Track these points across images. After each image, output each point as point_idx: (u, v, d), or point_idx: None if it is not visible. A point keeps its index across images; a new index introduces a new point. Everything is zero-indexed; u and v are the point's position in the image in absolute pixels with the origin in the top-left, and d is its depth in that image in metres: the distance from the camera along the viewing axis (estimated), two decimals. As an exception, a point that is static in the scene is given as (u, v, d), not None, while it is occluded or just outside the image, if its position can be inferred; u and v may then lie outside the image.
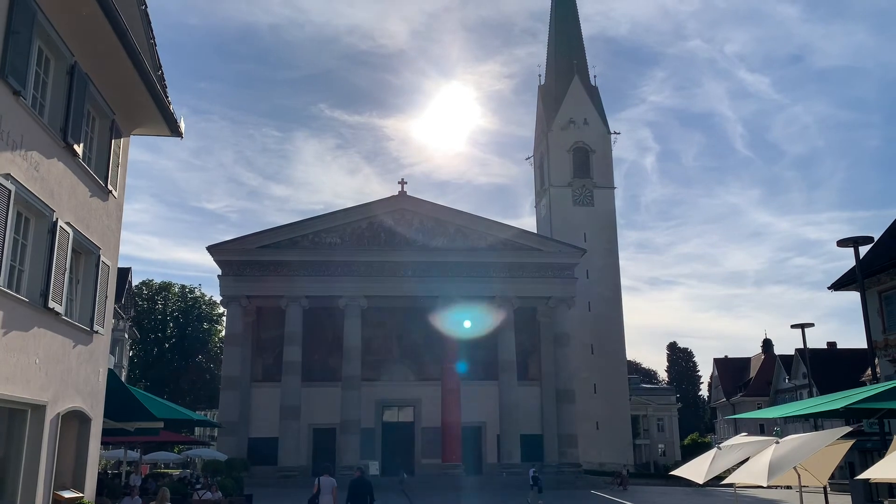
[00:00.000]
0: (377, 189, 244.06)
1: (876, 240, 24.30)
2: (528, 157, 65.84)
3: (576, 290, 45.48)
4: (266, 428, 42.41)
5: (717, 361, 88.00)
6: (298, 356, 42.23)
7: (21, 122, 9.71)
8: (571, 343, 45.70)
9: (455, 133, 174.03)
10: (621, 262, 57.75)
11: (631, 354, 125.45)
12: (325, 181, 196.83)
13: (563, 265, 45.30)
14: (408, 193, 45.43)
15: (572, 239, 50.87)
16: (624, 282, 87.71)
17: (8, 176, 9.24)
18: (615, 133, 60.16)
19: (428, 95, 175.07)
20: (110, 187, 13.28)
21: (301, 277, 42.79)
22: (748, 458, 11.12)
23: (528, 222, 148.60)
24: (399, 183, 45.51)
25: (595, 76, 62.83)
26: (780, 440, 10.53)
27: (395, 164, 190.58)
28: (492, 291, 43.87)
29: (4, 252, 9.16)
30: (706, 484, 12.01)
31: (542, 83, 63.59)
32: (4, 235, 9.13)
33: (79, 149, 11.61)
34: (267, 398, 42.91)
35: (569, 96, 59.66)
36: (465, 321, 42.36)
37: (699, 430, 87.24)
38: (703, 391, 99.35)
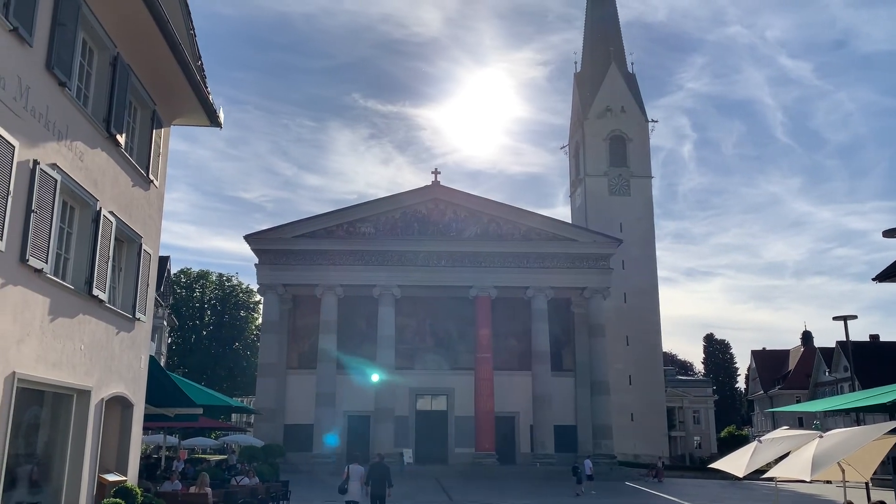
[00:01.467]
0: (409, 179, 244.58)
1: (924, 230, 23.59)
2: (563, 146, 65.27)
3: (611, 280, 45.09)
4: (302, 415, 42.94)
5: (754, 353, 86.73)
6: (333, 344, 42.65)
7: (66, 112, 9.88)
8: (606, 334, 45.34)
9: (488, 122, 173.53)
10: (658, 253, 57.02)
11: (667, 346, 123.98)
12: (358, 171, 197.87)
13: (599, 255, 44.93)
14: (441, 183, 45.50)
15: (608, 229, 50.39)
16: (660, 272, 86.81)
17: (54, 166, 9.42)
18: (653, 121, 59.32)
19: (461, 84, 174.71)
20: (151, 177, 13.45)
21: (336, 266, 43.14)
22: (789, 452, 10.91)
23: (563, 212, 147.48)
24: (432, 173, 45.68)
25: (632, 63, 62.03)
26: (823, 434, 10.31)
27: (427, 154, 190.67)
28: (525, 282, 43.75)
29: (51, 240, 9.35)
30: (745, 477, 11.79)
31: (578, 70, 62.89)
32: (51, 224, 9.32)
33: (121, 139, 11.78)
34: (302, 385, 43.44)
35: (605, 84, 58.85)
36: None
37: (736, 422, 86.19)
38: (741, 383, 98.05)
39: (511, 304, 44.84)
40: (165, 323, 54.82)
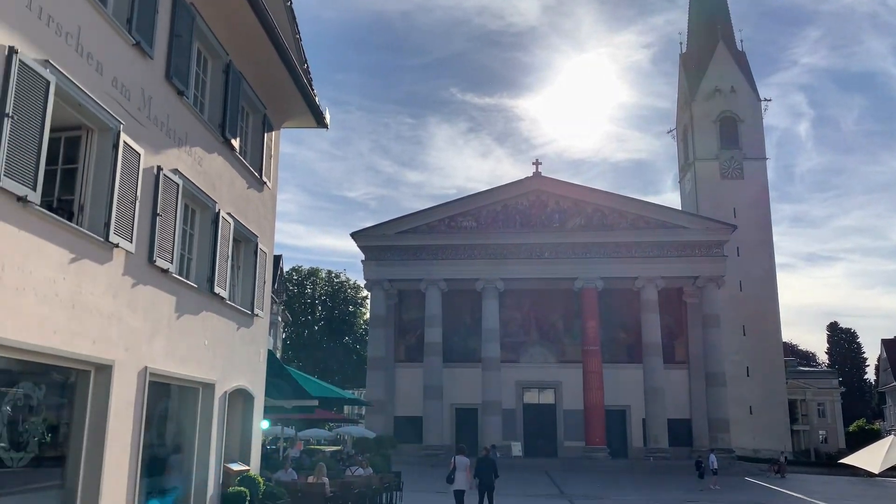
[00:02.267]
0: (509, 171, 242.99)
1: None
2: (670, 130, 63.15)
3: (725, 268, 43.24)
4: (410, 407, 43.66)
5: (885, 342, 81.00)
6: (439, 338, 43.14)
7: (185, 120, 10.38)
8: (721, 324, 43.53)
9: (589, 109, 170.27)
10: (775, 238, 54.22)
11: (787, 335, 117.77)
12: (457, 165, 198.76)
13: (711, 243, 43.21)
14: (541, 174, 45.03)
15: (720, 214, 48.36)
16: (778, 259, 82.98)
17: (176, 171, 9.93)
18: (765, 100, 56.40)
19: (560, 72, 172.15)
20: (264, 178, 13.95)
21: (439, 261, 43.59)
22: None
23: (671, 198, 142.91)
24: (533, 164, 45.28)
25: (741, 40, 59.18)
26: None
27: (526, 145, 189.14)
28: (633, 272, 42.65)
29: (175, 241, 9.87)
30: (880, 474, 11.04)
31: (684, 51, 60.59)
32: (175, 226, 9.84)
33: (236, 143, 12.27)
34: (410, 378, 44.16)
35: (713, 63, 56.44)
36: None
37: (866, 416, 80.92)
38: (870, 375, 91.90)
39: (619, 295, 43.84)
40: (280, 319, 57.16)
